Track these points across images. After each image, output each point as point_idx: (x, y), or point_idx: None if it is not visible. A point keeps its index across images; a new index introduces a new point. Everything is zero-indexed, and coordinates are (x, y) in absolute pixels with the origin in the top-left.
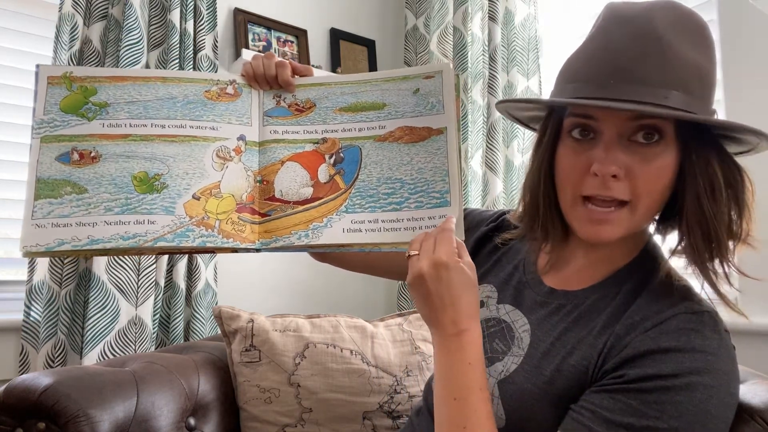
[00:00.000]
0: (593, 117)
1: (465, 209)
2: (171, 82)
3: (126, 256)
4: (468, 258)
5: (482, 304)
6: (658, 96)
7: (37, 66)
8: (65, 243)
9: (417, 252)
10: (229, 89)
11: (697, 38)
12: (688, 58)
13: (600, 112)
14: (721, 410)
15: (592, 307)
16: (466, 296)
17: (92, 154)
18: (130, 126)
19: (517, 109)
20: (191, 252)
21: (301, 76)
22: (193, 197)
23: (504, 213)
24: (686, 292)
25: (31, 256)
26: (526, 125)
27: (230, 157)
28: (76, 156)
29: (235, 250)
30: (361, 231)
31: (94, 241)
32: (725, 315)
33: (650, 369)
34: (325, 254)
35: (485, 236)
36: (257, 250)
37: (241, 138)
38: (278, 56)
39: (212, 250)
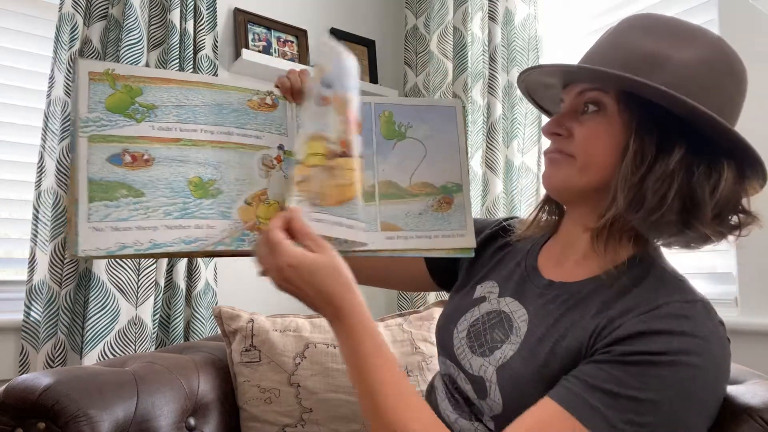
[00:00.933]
0: (561, 98)
1: None
2: (216, 89)
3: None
4: (319, 240)
5: (484, 299)
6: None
7: (75, 59)
8: (127, 247)
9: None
10: (268, 100)
11: (668, 36)
12: (640, 46)
13: (562, 90)
14: (705, 393)
15: (587, 295)
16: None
17: (145, 157)
18: (180, 130)
19: (536, 79)
20: (238, 255)
21: None
22: (246, 203)
23: (504, 220)
24: (681, 285)
25: (90, 258)
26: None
27: (273, 165)
28: (128, 158)
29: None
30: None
31: (156, 245)
32: (725, 315)
33: (638, 347)
34: None
35: (487, 239)
36: None
37: (281, 147)
38: (278, 56)
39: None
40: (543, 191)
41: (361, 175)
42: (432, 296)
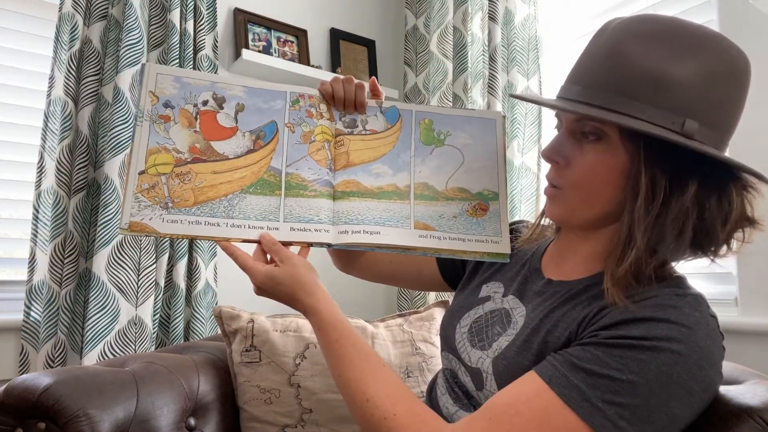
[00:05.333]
0: (557, 115)
1: None
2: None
3: (127, 257)
4: (282, 253)
5: (489, 298)
6: (594, 97)
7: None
8: None
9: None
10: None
11: (669, 47)
12: (640, 65)
13: (558, 110)
14: (686, 379)
15: (581, 290)
16: (280, 293)
17: None
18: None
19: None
20: (296, 244)
21: (373, 95)
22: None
23: (517, 222)
24: (677, 281)
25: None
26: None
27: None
28: None
29: (310, 245)
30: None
31: None
32: (725, 315)
33: (622, 331)
34: (349, 265)
35: None
36: (329, 245)
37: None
38: (277, 56)
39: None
40: (543, 191)
41: (246, 173)
42: (432, 296)
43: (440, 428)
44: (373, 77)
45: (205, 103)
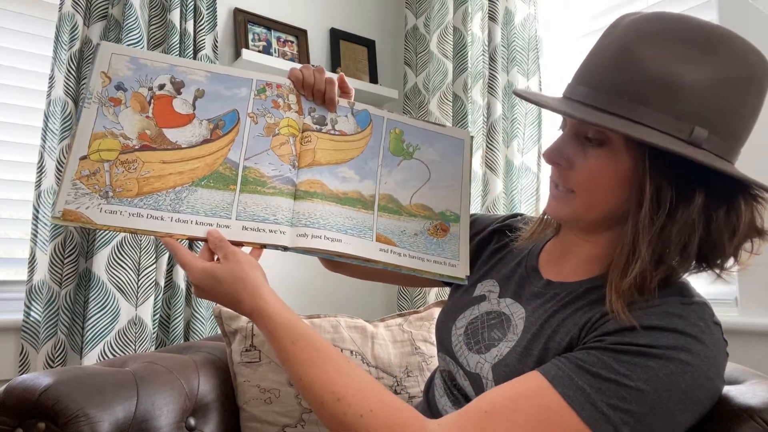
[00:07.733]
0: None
1: (473, 215)
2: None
3: (127, 257)
4: (226, 249)
5: (484, 298)
6: (599, 100)
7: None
8: None
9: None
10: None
11: (681, 50)
12: (649, 68)
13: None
14: (693, 389)
15: (582, 293)
16: (220, 294)
17: None
18: None
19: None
20: (248, 245)
21: (342, 92)
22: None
23: (513, 216)
24: (681, 287)
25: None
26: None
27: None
28: None
29: (264, 246)
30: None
31: None
32: (725, 315)
33: (629, 338)
34: (337, 264)
35: (489, 236)
36: (285, 248)
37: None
38: (277, 56)
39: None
40: (543, 191)
41: (199, 164)
42: (432, 296)
43: (422, 421)
44: (342, 73)
45: (161, 86)
